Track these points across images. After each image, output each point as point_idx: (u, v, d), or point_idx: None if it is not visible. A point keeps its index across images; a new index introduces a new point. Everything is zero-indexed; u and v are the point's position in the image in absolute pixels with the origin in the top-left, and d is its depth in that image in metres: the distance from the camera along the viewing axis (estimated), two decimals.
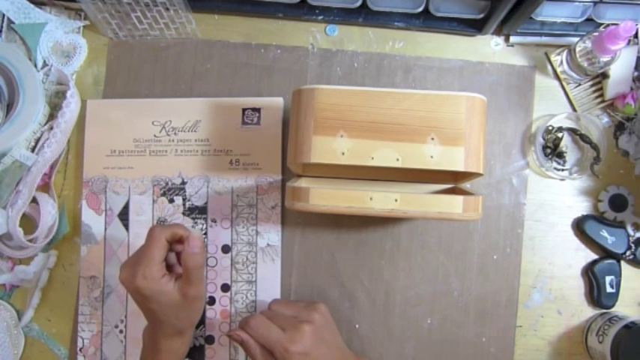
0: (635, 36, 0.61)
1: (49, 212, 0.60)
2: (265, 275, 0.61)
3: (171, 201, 0.61)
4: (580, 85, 0.63)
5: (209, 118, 0.62)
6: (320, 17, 0.62)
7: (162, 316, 0.51)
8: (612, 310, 0.61)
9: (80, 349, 0.60)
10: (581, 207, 0.62)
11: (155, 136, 0.62)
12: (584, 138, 0.61)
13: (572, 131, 0.62)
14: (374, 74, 0.63)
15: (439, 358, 0.60)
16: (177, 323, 0.52)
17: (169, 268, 0.53)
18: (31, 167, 0.60)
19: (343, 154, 0.47)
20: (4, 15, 0.62)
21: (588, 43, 0.58)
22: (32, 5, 0.62)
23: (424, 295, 0.61)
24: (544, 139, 0.61)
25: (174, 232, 0.51)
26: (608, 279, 0.60)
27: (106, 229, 0.61)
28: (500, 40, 0.64)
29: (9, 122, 0.58)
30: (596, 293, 0.60)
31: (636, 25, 0.57)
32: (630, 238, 0.60)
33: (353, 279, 0.61)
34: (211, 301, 0.61)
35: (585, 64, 0.59)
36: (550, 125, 0.61)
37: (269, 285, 0.61)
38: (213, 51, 0.63)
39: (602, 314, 0.61)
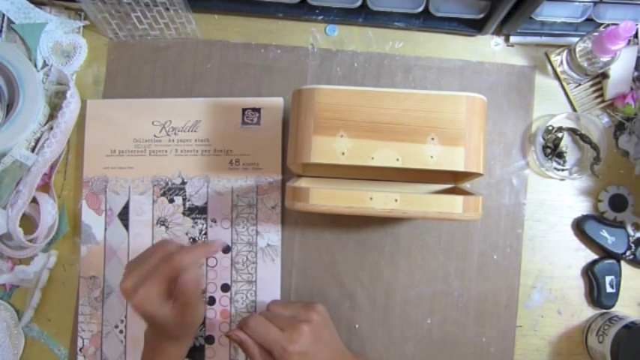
0: (635, 36, 0.61)
1: (49, 212, 0.60)
2: (265, 275, 0.61)
3: (172, 201, 0.61)
4: (580, 85, 0.63)
5: (209, 118, 0.62)
6: (320, 17, 0.62)
7: (160, 328, 0.51)
8: (612, 310, 0.61)
9: (80, 349, 0.60)
10: (581, 207, 0.62)
11: (155, 136, 0.62)
12: (584, 138, 0.61)
13: (572, 131, 0.62)
14: (374, 74, 0.63)
15: (439, 358, 0.60)
16: (177, 334, 0.52)
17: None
18: (31, 167, 0.60)
19: (343, 154, 0.47)
20: (4, 15, 0.62)
21: (588, 43, 0.58)
22: (32, 5, 0.62)
23: (424, 295, 0.61)
24: (544, 139, 0.61)
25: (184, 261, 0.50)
26: (608, 279, 0.60)
27: (106, 229, 0.61)
28: (500, 40, 0.64)
29: (9, 122, 0.58)
30: (596, 293, 0.60)
31: (636, 25, 0.57)
32: (630, 238, 0.60)
33: (353, 279, 0.61)
34: (211, 301, 0.61)
35: (585, 64, 0.59)
36: (550, 125, 0.61)
37: (269, 285, 0.61)
38: (213, 51, 0.63)
39: (602, 314, 0.61)
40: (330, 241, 0.61)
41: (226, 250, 0.61)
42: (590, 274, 0.61)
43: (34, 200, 0.60)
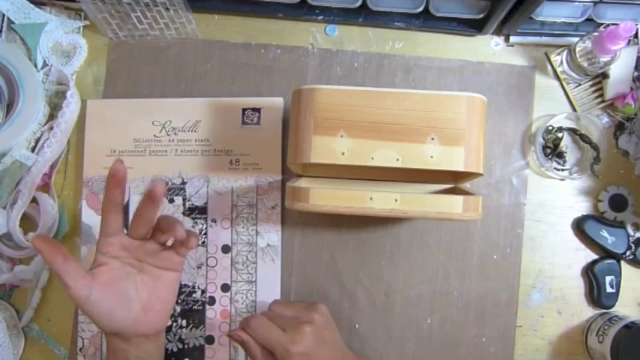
0: (635, 36, 0.61)
1: (49, 212, 0.60)
2: (265, 275, 0.61)
3: (172, 201, 0.61)
4: (580, 85, 0.63)
5: (209, 118, 0.62)
6: (320, 17, 0.62)
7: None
8: (612, 310, 0.61)
9: (80, 349, 0.60)
10: (581, 207, 0.62)
11: (155, 136, 0.62)
12: (584, 138, 0.61)
13: (572, 131, 0.62)
14: (374, 74, 0.63)
15: (439, 358, 0.60)
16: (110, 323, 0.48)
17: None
18: (31, 167, 0.60)
19: (343, 154, 0.47)
20: (4, 15, 0.62)
21: (588, 43, 0.58)
22: (32, 5, 0.62)
23: (424, 295, 0.61)
24: (544, 139, 0.61)
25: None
26: (608, 279, 0.60)
27: None
28: (500, 40, 0.64)
29: (9, 122, 0.58)
30: (596, 293, 0.60)
31: (636, 25, 0.57)
32: (630, 238, 0.60)
33: (353, 279, 0.61)
34: (211, 301, 0.61)
35: (585, 64, 0.59)
36: (550, 125, 0.61)
37: (269, 285, 0.61)
38: (213, 51, 0.63)
39: (602, 314, 0.61)
40: (330, 241, 0.61)
41: (226, 249, 0.61)
42: (590, 274, 0.61)
43: (34, 200, 0.60)
